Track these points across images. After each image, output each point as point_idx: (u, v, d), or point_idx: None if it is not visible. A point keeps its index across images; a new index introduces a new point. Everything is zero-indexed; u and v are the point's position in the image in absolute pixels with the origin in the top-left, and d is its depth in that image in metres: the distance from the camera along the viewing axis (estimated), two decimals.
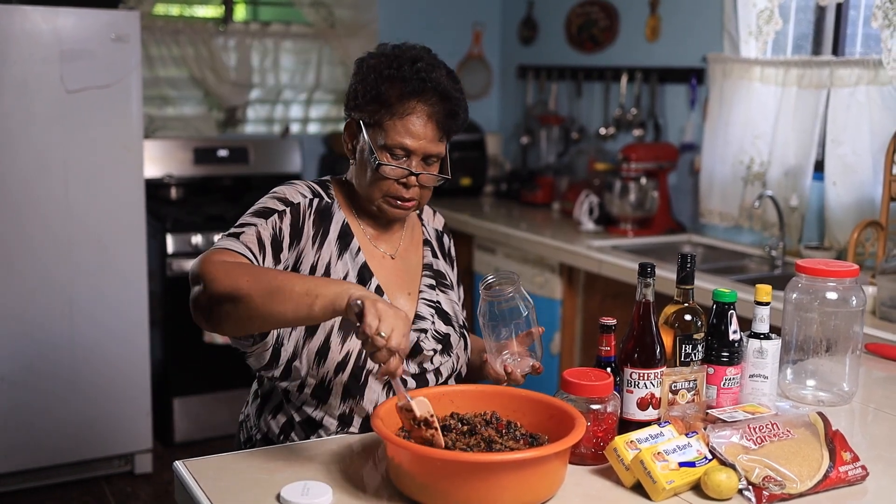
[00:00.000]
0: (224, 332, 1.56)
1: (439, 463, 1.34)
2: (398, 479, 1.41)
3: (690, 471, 1.43)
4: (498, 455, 1.37)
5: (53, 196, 3.37)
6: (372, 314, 1.37)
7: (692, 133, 3.91)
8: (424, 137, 1.68)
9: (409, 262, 1.83)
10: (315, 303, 1.42)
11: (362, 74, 1.71)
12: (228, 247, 1.60)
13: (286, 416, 1.73)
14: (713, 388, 1.71)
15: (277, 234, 1.66)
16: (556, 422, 1.50)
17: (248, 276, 1.48)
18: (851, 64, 3.14)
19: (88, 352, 3.49)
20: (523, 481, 1.35)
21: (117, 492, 3.53)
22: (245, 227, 1.65)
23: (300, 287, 1.44)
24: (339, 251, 1.72)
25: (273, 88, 4.59)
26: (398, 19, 4.80)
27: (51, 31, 3.29)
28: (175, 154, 4.26)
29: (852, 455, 1.51)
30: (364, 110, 1.70)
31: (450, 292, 1.88)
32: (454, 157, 4.73)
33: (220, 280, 1.48)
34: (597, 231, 3.86)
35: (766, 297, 1.74)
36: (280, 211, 1.68)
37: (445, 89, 1.69)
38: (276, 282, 1.46)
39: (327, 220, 1.73)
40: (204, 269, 1.52)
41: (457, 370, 1.82)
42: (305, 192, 1.74)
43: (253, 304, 1.46)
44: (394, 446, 1.38)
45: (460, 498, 1.34)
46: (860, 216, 3.08)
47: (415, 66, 1.68)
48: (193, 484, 1.45)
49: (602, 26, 4.37)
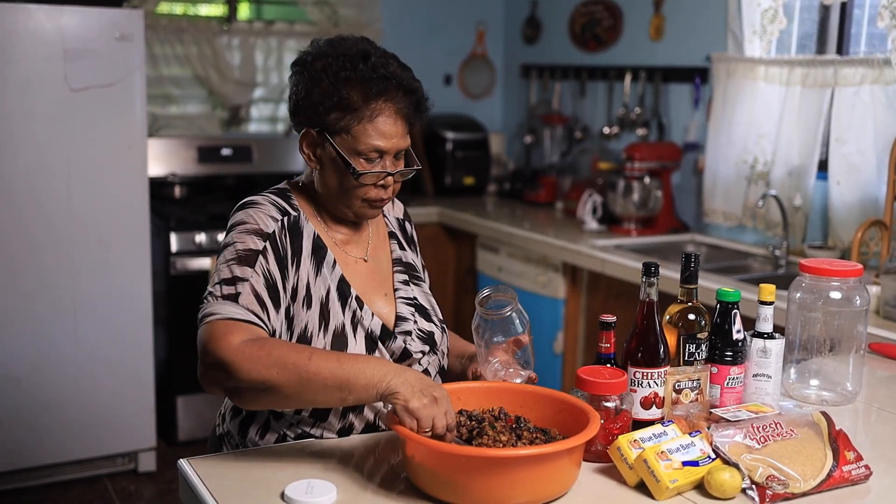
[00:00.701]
0: (248, 408, 1.59)
1: (462, 459, 1.35)
2: (418, 477, 1.41)
3: (694, 470, 1.43)
4: (519, 450, 1.40)
5: (57, 195, 3.37)
6: (408, 419, 1.39)
7: (696, 132, 3.91)
8: (396, 135, 1.64)
9: (380, 261, 1.80)
10: (348, 398, 1.45)
11: (312, 79, 1.62)
12: (233, 316, 1.52)
13: (277, 434, 1.67)
14: (717, 387, 1.71)
15: (269, 279, 1.59)
16: (566, 416, 1.52)
17: (277, 367, 1.44)
18: (856, 63, 3.13)
19: (92, 350, 3.49)
20: (540, 475, 1.36)
21: (120, 490, 3.53)
22: (237, 284, 1.56)
23: (332, 381, 1.43)
24: (315, 267, 1.67)
25: (276, 87, 4.59)
26: (401, 18, 4.81)
27: (54, 29, 3.29)
28: (178, 153, 4.27)
29: (856, 454, 1.51)
30: (326, 119, 1.61)
31: (422, 284, 1.85)
32: (458, 156, 4.77)
33: (247, 370, 1.45)
34: (600, 230, 3.86)
35: (769, 297, 1.75)
36: (261, 250, 1.60)
37: (407, 82, 1.64)
38: (309, 373, 1.44)
39: (299, 236, 1.67)
40: (228, 356, 1.45)
41: (444, 365, 1.81)
42: (274, 213, 1.65)
43: (283, 394, 1.46)
44: (414, 444, 1.39)
45: (479, 492, 1.35)
46: (864, 215, 3.08)
47: (368, 62, 1.61)
48: (198, 482, 1.45)
49: (606, 25, 4.37)
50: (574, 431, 1.42)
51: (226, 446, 1.74)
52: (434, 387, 1.43)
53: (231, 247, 1.61)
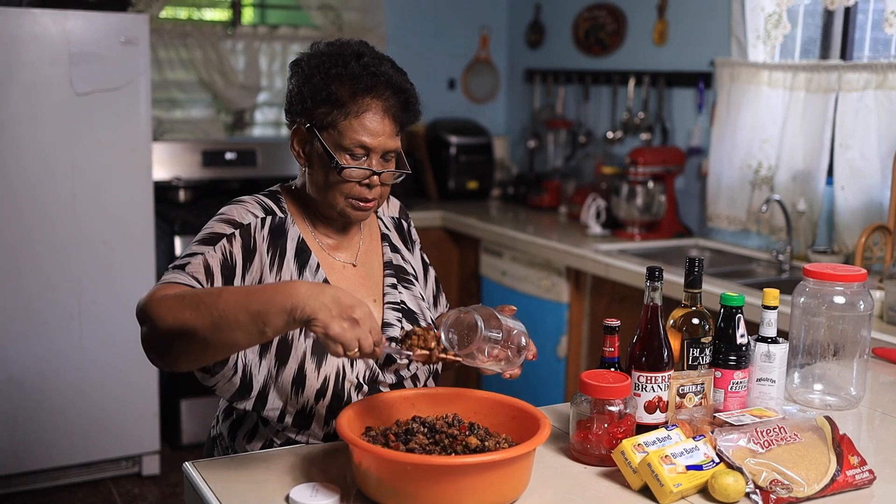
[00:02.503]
0: (182, 368, 1.49)
1: (408, 467, 1.33)
2: (365, 485, 1.39)
3: (698, 474, 1.43)
4: (468, 458, 1.37)
5: (61, 198, 3.38)
6: (331, 345, 1.34)
7: (700, 137, 3.91)
8: (382, 133, 1.62)
9: (371, 266, 1.78)
10: (266, 330, 1.36)
11: (304, 76, 1.63)
12: (173, 280, 1.52)
13: (263, 440, 1.67)
14: (720, 391, 1.71)
15: (228, 259, 1.59)
16: (519, 423, 1.51)
17: (190, 308, 1.39)
18: (859, 68, 3.13)
19: (96, 353, 3.50)
20: (491, 482, 1.35)
21: (124, 493, 3.54)
22: (191, 257, 1.58)
23: (244, 316, 1.36)
24: (298, 270, 1.66)
25: (281, 91, 4.60)
26: (406, 22, 4.81)
27: (60, 33, 3.30)
28: (183, 157, 4.28)
29: (860, 459, 1.51)
30: (314, 114, 1.62)
31: (413, 286, 1.81)
32: (461, 160, 4.77)
33: (163, 317, 1.41)
34: (604, 235, 3.86)
35: (773, 301, 1.75)
36: (229, 234, 1.61)
37: (397, 82, 1.63)
38: (219, 310, 1.37)
39: (282, 238, 1.67)
40: (148, 309, 1.44)
41: (433, 371, 1.78)
42: (256, 210, 1.67)
43: (201, 337, 1.39)
44: (360, 451, 1.37)
45: (428, 501, 1.33)
46: (868, 220, 3.08)
47: (361, 60, 1.62)
48: (203, 485, 1.45)
49: (609, 30, 4.37)
50: (527, 437, 1.40)
51: (217, 449, 1.75)
52: (353, 307, 1.35)
53: (200, 233, 1.64)
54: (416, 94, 1.68)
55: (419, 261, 1.90)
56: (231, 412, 1.73)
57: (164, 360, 1.48)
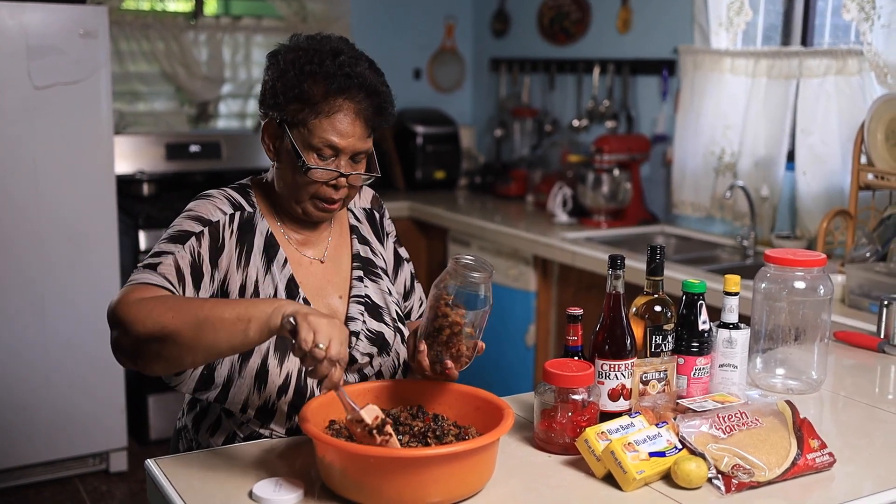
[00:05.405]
0: (155, 372, 1.47)
1: (372, 460, 1.33)
2: (329, 478, 1.39)
3: (660, 461, 1.44)
4: (431, 449, 1.37)
5: (24, 193, 3.33)
6: (305, 328, 1.33)
7: (664, 124, 3.93)
8: (353, 135, 1.60)
9: (340, 262, 1.76)
10: (249, 327, 1.37)
11: (279, 70, 1.61)
12: (145, 281, 1.51)
13: (227, 433, 1.66)
14: (683, 378, 1.72)
15: (196, 260, 1.58)
16: (483, 413, 1.51)
17: (172, 311, 1.39)
18: (820, 55, 3.16)
19: (61, 349, 3.46)
20: (454, 473, 1.35)
21: (92, 491, 3.51)
22: (161, 256, 1.56)
23: (229, 314, 1.37)
24: (265, 266, 1.65)
25: (245, 83, 4.56)
26: (370, 12, 4.79)
27: (17, 26, 3.25)
28: (146, 150, 4.23)
29: (820, 442, 1.53)
30: (286, 109, 1.60)
31: (381, 280, 1.79)
32: (428, 150, 4.75)
33: (141, 321, 1.40)
34: (570, 223, 3.87)
35: (734, 288, 1.76)
36: (197, 233, 1.60)
37: (372, 84, 1.60)
38: (203, 312, 1.38)
39: (250, 233, 1.66)
40: (122, 312, 1.42)
41: (399, 367, 1.76)
42: (224, 206, 1.66)
43: (182, 340, 1.39)
44: (323, 445, 1.37)
45: (392, 493, 1.33)
46: (829, 205, 3.11)
47: (337, 60, 1.59)
48: (165, 482, 1.44)
49: (574, 19, 4.38)
50: (491, 428, 1.40)
51: (182, 441, 1.74)
52: (335, 320, 1.37)
53: (169, 229, 1.62)
54: (391, 98, 1.65)
55: (391, 253, 1.88)
56: (195, 404, 1.72)
57: (137, 363, 1.46)
